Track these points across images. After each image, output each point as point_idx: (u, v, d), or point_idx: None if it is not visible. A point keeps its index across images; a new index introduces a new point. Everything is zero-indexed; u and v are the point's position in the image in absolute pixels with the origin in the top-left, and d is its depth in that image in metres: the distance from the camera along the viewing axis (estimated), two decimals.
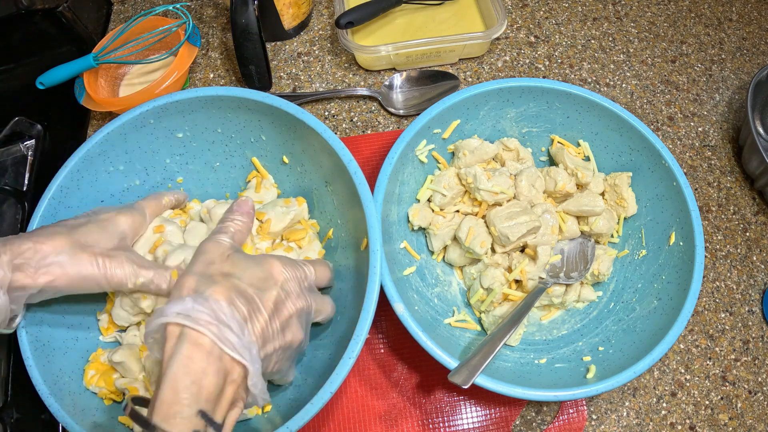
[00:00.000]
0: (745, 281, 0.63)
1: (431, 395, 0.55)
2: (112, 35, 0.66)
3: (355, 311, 0.47)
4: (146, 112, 0.52)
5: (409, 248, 0.56)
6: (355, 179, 0.49)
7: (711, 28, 0.82)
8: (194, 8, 0.80)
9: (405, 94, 0.72)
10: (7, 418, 0.47)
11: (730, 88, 0.76)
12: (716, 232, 0.66)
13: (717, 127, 0.73)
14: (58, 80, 0.64)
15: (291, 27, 0.75)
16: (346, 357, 0.43)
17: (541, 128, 0.61)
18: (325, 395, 0.42)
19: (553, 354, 0.53)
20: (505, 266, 0.56)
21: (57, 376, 0.46)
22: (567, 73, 0.76)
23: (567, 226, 0.57)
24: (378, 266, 0.46)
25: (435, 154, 0.59)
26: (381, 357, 0.56)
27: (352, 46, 0.68)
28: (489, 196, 0.55)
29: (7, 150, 0.61)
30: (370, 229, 0.47)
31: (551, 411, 0.56)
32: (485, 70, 0.75)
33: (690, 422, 0.56)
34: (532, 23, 0.80)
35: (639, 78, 0.76)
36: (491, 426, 0.54)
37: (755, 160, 0.65)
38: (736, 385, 0.58)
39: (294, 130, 0.53)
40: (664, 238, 0.55)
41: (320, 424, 0.53)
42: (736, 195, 0.68)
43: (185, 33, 0.66)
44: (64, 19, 0.69)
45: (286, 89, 0.73)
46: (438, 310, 0.55)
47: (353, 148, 0.67)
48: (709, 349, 0.60)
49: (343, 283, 0.53)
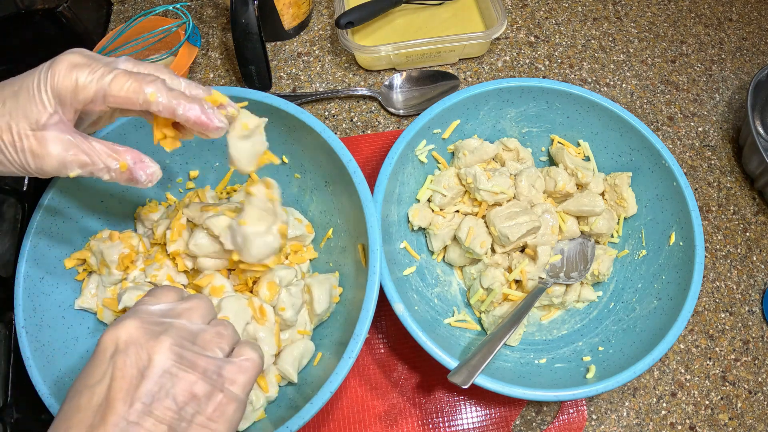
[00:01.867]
0: (745, 281, 0.63)
1: (431, 395, 0.55)
2: (112, 35, 0.66)
3: (354, 311, 0.47)
4: None
5: (409, 248, 0.56)
6: (355, 179, 0.49)
7: (711, 28, 0.82)
8: (194, 8, 0.80)
9: (405, 94, 0.72)
10: (7, 418, 0.47)
11: (730, 88, 0.76)
12: (716, 232, 0.66)
13: (717, 127, 0.73)
14: None
15: (291, 27, 0.75)
16: (345, 357, 0.43)
17: (541, 128, 0.61)
18: (325, 395, 0.42)
19: (553, 354, 0.53)
20: (505, 266, 0.56)
21: (57, 376, 0.46)
22: (567, 73, 0.76)
23: (567, 226, 0.57)
24: (378, 266, 0.46)
25: (435, 154, 0.59)
26: (381, 357, 0.56)
27: (352, 46, 0.68)
28: (489, 196, 0.55)
29: None
30: (370, 229, 0.47)
31: (551, 411, 0.56)
32: (485, 70, 0.75)
33: (690, 422, 0.56)
34: (532, 23, 0.80)
35: (639, 78, 0.76)
36: (491, 426, 0.54)
37: (755, 160, 0.65)
38: (736, 385, 0.58)
39: (294, 130, 0.53)
40: (664, 238, 0.55)
41: (320, 424, 0.53)
42: (736, 195, 0.68)
43: (185, 33, 0.66)
44: (64, 19, 0.69)
45: (286, 89, 0.73)
46: (438, 310, 0.55)
47: (353, 148, 0.67)
48: (709, 349, 0.60)
49: (343, 282, 0.53)
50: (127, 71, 0.36)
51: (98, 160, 0.36)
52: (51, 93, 0.34)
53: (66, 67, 0.35)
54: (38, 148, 0.35)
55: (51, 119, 0.35)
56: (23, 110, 0.34)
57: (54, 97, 0.35)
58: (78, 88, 0.35)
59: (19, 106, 0.34)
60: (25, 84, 0.35)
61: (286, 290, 0.49)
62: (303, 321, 0.51)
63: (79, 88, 0.35)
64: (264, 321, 0.48)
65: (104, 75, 0.35)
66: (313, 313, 0.50)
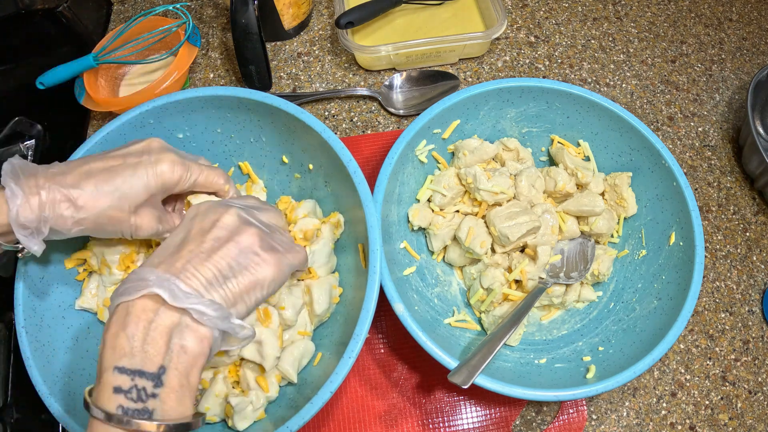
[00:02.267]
0: (745, 281, 0.63)
1: (431, 395, 0.55)
2: (112, 35, 0.66)
3: (354, 311, 0.47)
4: (146, 112, 0.52)
5: (409, 248, 0.56)
6: (355, 179, 0.49)
7: (711, 28, 0.82)
8: (194, 8, 0.80)
9: (405, 94, 0.72)
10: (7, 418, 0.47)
11: (730, 88, 0.76)
12: (716, 232, 0.66)
13: (717, 127, 0.73)
14: (58, 80, 0.64)
15: (291, 27, 0.75)
16: (345, 357, 0.43)
17: (541, 128, 0.61)
18: (325, 395, 0.42)
19: (553, 354, 0.53)
20: (505, 266, 0.56)
21: (57, 376, 0.46)
22: (567, 73, 0.76)
23: (567, 226, 0.57)
24: (378, 266, 0.46)
25: (435, 154, 0.59)
26: (381, 357, 0.56)
27: (352, 46, 0.68)
28: (489, 196, 0.55)
29: (7, 150, 0.61)
30: (370, 229, 0.47)
31: (551, 411, 0.56)
32: (485, 70, 0.75)
33: (690, 422, 0.56)
34: (532, 23, 0.80)
35: (639, 78, 0.76)
36: (491, 426, 0.54)
37: (755, 160, 0.65)
38: (736, 385, 0.58)
39: (294, 130, 0.53)
40: (664, 238, 0.55)
41: (320, 424, 0.53)
42: (736, 195, 0.68)
43: (185, 33, 0.66)
44: (64, 19, 0.69)
45: (286, 89, 0.73)
46: (438, 310, 0.55)
47: (353, 148, 0.67)
48: (709, 349, 0.60)
49: (343, 282, 0.53)
50: (204, 166, 0.48)
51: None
52: (155, 185, 0.44)
53: (169, 166, 0.44)
54: (139, 221, 0.44)
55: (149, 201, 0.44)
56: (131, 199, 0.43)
57: (158, 187, 0.44)
58: (181, 182, 0.45)
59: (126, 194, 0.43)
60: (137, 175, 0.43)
61: (287, 289, 0.49)
62: (303, 322, 0.51)
63: (182, 182, 0.45)
64: (268, 323, 0.48)
65: (194, 172, 0.46)
66: (313, 313, 0.50)
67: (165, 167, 0.44)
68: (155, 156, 0.44)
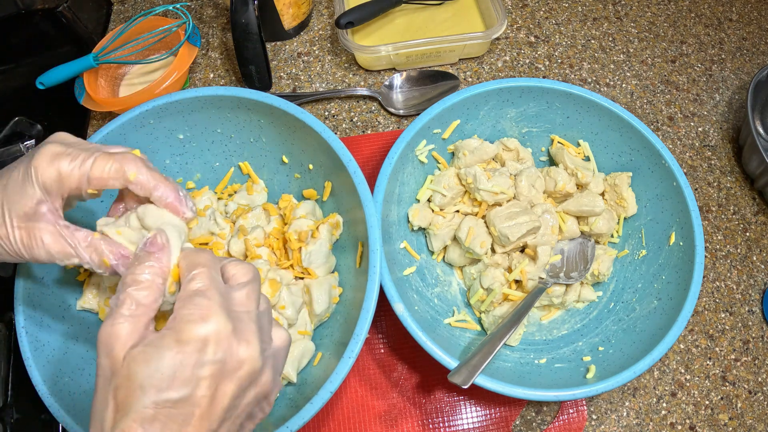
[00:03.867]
0: (745, 281, 0.63)
1: (431, 395, 0.55)
2: (112, 35, 0.66)
3: (354, 311, 0.47)
4: (146, 112, 0.52)
5: (409, 248, 0.56)
6: (355, 179, 0.49)
7: (711, 28, 0.82)
8: (194, 8, 0.80)
9: (405, 94, 0.72)
10: (7, 418, 0.47)
11: (730, 88, 0.76)
12: (716, 232, 0.66)
13: (717, 127, 0.73)
14: (58, 80, 0.64)
15: (291, 27, 0.75)
16: (345, 356, 0.43)
17: (541, 128, 0.61)
18: (325, 395, 0.42)
19: (553, 354, 0.53)
20: (505, 266, 0.56)
21: (57, 376, 0.46)
22: (567, 73, 0.76)
23: (567, 226, 0.57)
24: (378, 266, 0.46)
25: (435, 154, 0.59)
26: (381, 357, 0.56)
27: (352, 46, 0.68)
28: (489, 196, 0.55)
29: (7, 150, 0.61)
30: (370, 229, 0.47)
31: (551, 411, 0.56)
32: (485, 70, 0.75)
33: (690, 422, 0.56)
34: (532, 23, 0.80)
35: (639, 78, 0.76)
36: (491, 426, 0.54)
37: (755, 160, 0.65)
38: (736, 385, 0.58)
39: (294, 130, 0.53)
40: (664, 238, 0.55)
41: (320, 424, 0.53)
42: (736, 195, 0.68)
43: (185, 33, 0.66)
44: (64, 19, 0.69)
45: (286, 89, 0.73)
46: (438, 310, 0.55)
47: (353, 148, 0.67)
48: (709, 349, 0.60)
49: (342, 282, 0.53)
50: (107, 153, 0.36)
51: (83, 255, 0.36)
52: (37, 185, 0.35)
53: (47, 159, 0.35)
54: (28, 240, 0.35)
55: (39, 210, 0.35)
56: (12, 203, 0.35)
57: (40, 188, 0.35)
58: (62, 178, 0.35)
59: (8, 200, 0.35)
60: (12, 177, 0.35)
61: (287, 288, 0.49)
62: (303, 321, 0.51)
63: (63, 177, 0.35)
64: None
65: (85, 160, 0.35)
66: (313, 313, 0.50)
67: (41, 160, 0.35)
68: (35, 150, 0.36)
